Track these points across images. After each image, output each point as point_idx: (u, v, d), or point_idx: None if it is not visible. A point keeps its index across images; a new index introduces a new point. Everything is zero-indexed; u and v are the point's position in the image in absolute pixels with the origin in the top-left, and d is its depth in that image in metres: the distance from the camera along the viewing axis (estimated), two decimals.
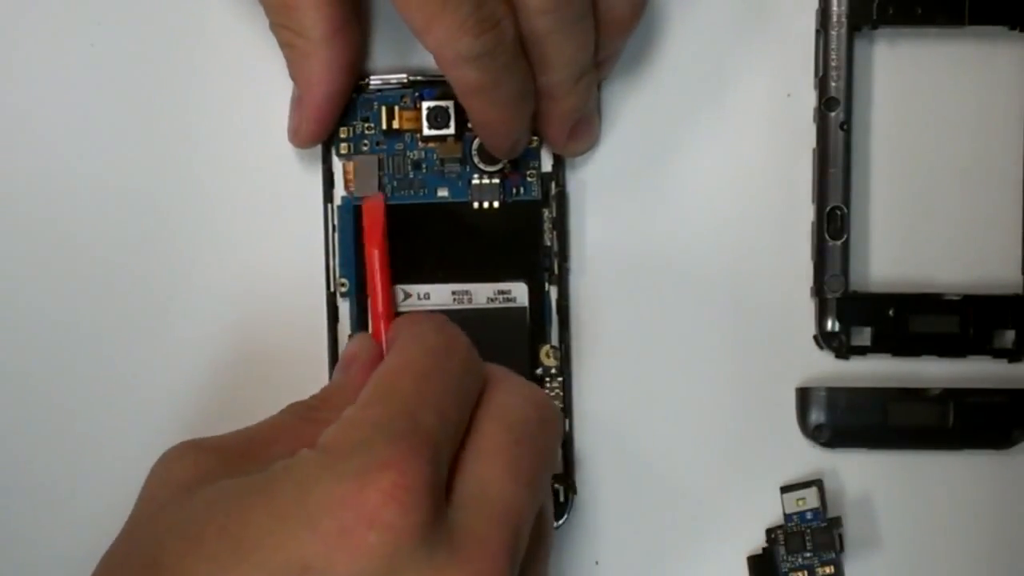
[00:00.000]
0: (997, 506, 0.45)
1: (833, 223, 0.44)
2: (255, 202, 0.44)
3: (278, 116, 0.43)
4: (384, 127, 0.43)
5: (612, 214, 0.44)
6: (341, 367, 0.40)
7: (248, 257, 0.44)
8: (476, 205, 0.44)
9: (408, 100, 0.43)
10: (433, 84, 0.43)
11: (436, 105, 0.43)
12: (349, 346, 0.41)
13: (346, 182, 0.44)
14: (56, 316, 0.45)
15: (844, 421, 0.44)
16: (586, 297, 0.44)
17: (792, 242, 0.44)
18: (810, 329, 0.44)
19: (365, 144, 0.44)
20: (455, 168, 0.44)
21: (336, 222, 0.43)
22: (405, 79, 0.43)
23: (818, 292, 0.44)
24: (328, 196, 0.44)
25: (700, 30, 0.44)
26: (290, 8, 0.41)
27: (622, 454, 0.44)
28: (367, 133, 0.44)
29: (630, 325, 0.44)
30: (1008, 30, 0.44)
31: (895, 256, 0.45)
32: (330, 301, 0.44)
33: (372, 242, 0.41)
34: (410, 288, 0.43)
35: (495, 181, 0.44)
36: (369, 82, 0.43)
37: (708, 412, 0.45)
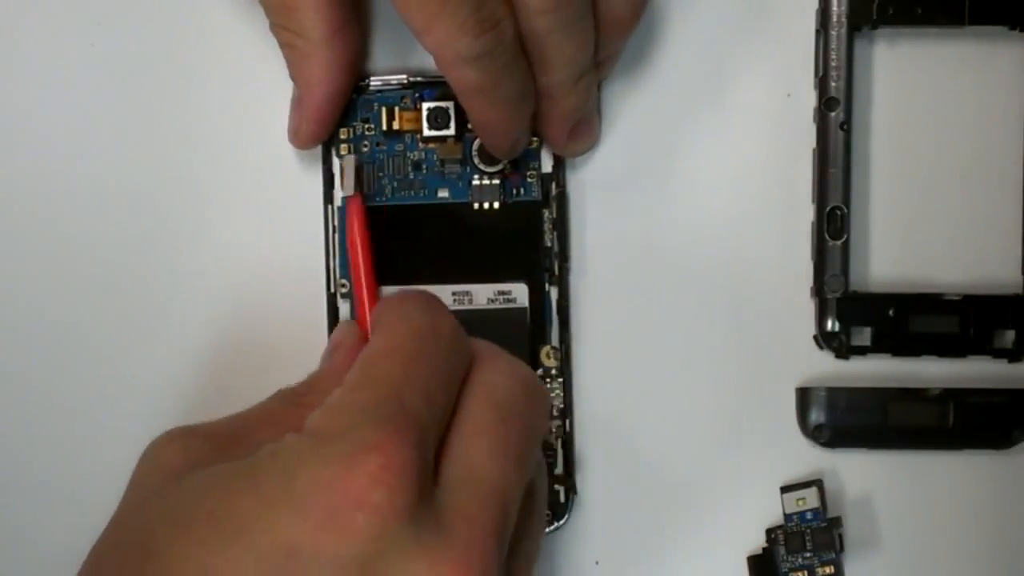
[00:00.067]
0: (997, 506, 0.45)
1: (833, 223, 0.44)
2: (255, 202, 0.44)
3: (278, 116, 0.43)
4: (384, 128, 0.43)
5: (612, 214, 0.44)
6: (327, 353, 0.40)
7: (248, 257, 0.44)
8: (476, 206, 0.44)
9: (408, 101, 0.43)
10: (433, 85, 0.43)
11: (436, 106, 0.43)
12: (335, 333, 0.41)
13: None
14: (55, 317, 0.45)
15: (844, 421, 0.44)
16: (586, 297, 0.44)
17: (792, 242, 0.44)
18: (810, 329, 0.44)
19: (365, 145, 0.44)
20: (455, 169, 0.44)
21: (336, 223, 0.43)
22: (405, 80, 0.43)
23: (818, 292, 0.44)
24: (328, 197, 0.44)
25: (700, 30, 0.44)
26: (290, 9, 0.41)
27: (622, 454, 0.44)
28: (367, 134, 0.44)
29: (630, 325, 0.44)
30: (1008, 30, 0.44)
31: (895, 256, 0.45)
32: (330, 302, 0.44)
33: (351, 216, 0.41)
34: (410, 289, 0.43)
35: (495, 182, 0.44)
36: (369, 83, 0.43)
37: (708, 412, 0.45)
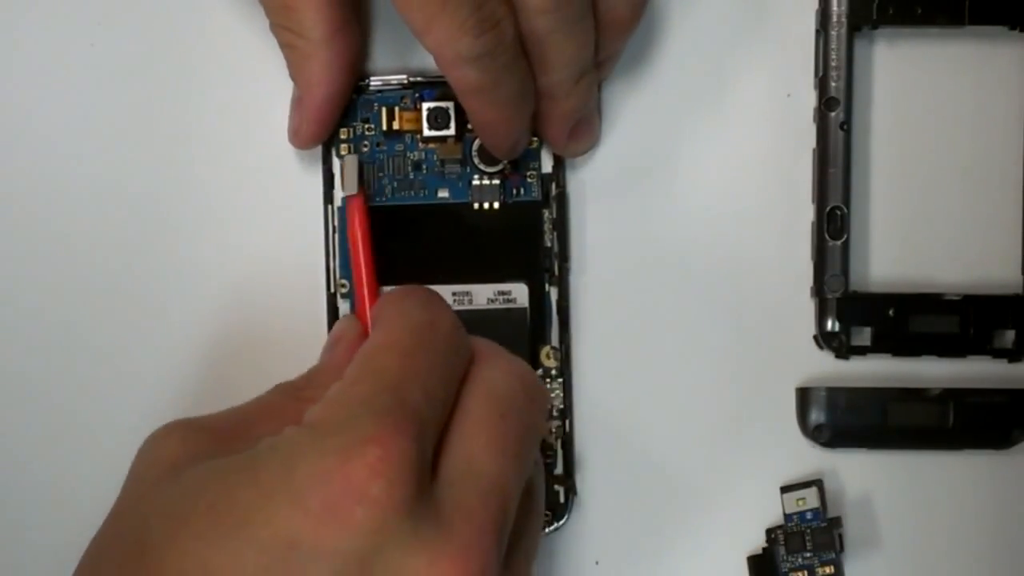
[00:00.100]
0: (997, 506, 0.45)
1: (833, 223, 0.44)
2: (255, 202, 0.44)
3: (278, 116, 0.43)
4: (384, 128, 0.43)
5: (612, 214, 0.44)
6: (327, 347, 0.40)
7: (248, 258, 0.44)
8: (476, 206, 0.44)
9: (408, 101, 0.43)
10: (433, 85, 0.43)
11: (436, 106, 0.43)
12: (335, 327, 0.41)
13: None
14: (55, 315, 0.45)
15: (844, 421, 0.44)
16: (586, 297, 0.44)
17: (792, 242, 0.44)
18: (810, 329, 0.44)
19: (365, 145, 0.44)
20: (455, 169, 0.44)
21: (336, 223, 0.43)
22: (405, 80, 0.43)
23: (818, 292, 0.44)
24: (328, 197, 0.43)
25: (700, 30, 0.44)
26: (290, 9, 0.41)
27: (622, 454, 0.44)
28: (367, 134, 0.43)
29: (630, 325, 0.44)
30: (1008, 30, 0.44)
31: (895, 256, 0.45)
32: (330, 302, 0.44)
33: (352, 214, 0.41)
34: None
35: (495, 182, 0.44)
36: (369, 83, 0.43)
37: (708, 412, 0.45)
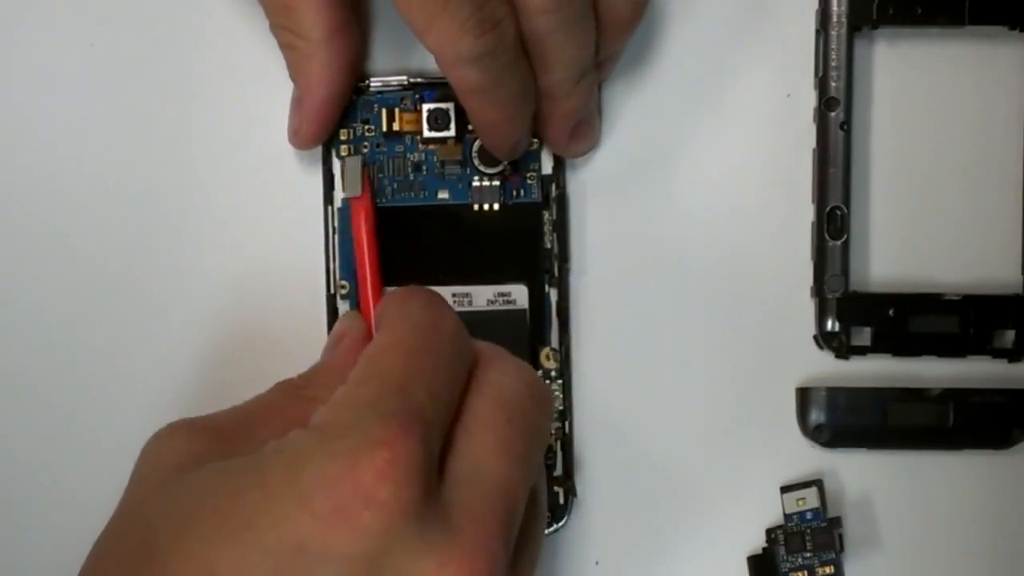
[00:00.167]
0: (997, 506, 0.45)
1: (833, 223, 0.44)
2: (255, 203, 0.44)
3: (278, 116, 0.43)
4: (384, 129, 0.43)
5: (612, 215, 0.44)
6: (329, 345, 0.41)
7: (248, 258, 0.44)
8: (476, 207, 0.44)
9: (408, 102, 0.43)
10: (433, 86, 0.43)
11: (436, 107, 0.43)
12: (337, 325, 0.41)
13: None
14: (55, 315, 0.45)
15: (844, 421, 0.44)
16: (586, 298, 0.44)
17: (792, 242, 0.44)
18: (810, 329, 0.44)
19: (365, 146, 0.44)
20: (455, 170, 0.44)
21: (336, 224, 0.43)
22: (405, 81, 0.43)
23: (818, 292, 0.44)
24: (328, 198, 0.43)
25: (700, 30, 0.44)
26: (290, 9, 0.41)
27: (622, 455, 0.44)
28: (367, 135, 0.43)
29: (630, 326, 0.44)
30: (1008, 30, 0.44)
31: (895, 256, 0.45)
32: (330, 303, 0.43)
33: (358, 215, 0.41)
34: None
35: (495, 183, 0.44)
36: (369, 84, 0.43)
37: (708, 412, 0.45)
